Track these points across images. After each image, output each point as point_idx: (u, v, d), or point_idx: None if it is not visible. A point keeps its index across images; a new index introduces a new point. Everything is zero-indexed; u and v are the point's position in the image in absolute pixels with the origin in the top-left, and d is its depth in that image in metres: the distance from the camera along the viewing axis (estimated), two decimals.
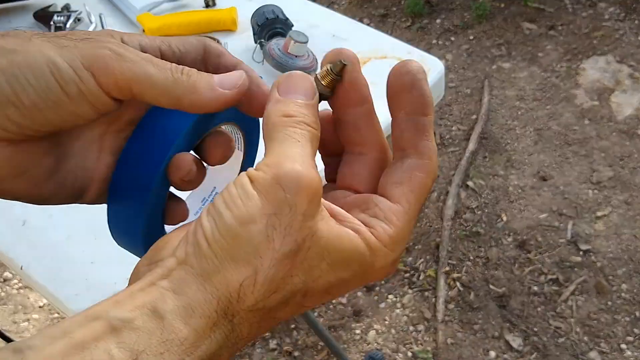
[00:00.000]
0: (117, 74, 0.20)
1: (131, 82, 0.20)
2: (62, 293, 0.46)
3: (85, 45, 0.20)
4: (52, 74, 0.19)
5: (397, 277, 1.28)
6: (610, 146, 1.46)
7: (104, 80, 0.20)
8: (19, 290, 1.30)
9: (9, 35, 0.20)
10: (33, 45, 0.19)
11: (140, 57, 0.20)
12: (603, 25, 1.77)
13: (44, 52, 0.19)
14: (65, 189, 0.23)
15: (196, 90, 0.21)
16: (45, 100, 0.19)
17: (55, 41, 0.20)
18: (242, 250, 0.18)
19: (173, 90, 0.21)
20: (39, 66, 0.19)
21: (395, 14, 1.93)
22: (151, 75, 0.20)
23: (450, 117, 1.59)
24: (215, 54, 0.23)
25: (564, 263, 1.26)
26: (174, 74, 0.21)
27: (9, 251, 0.49)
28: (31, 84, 0.19)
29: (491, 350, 1.15)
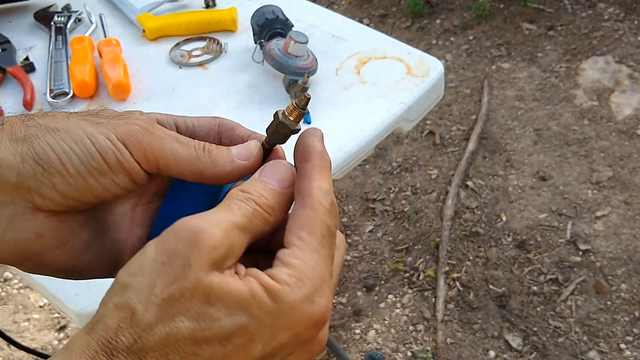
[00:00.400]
0: (146, 148, 0.22)
1: (158, 157, 0.23)
2: (63, 293, 0.46)
3: (118, 122, 0.23)
4: (92, 144, 0.22)
5: (397, 277, 1.28)
6: (609, 146, 1.46)
7: (135, 152, 0.22)
8: (19, 290, 1.30)
9: (49, 116, 0.22)
10: (72, 123, 0.22)
11: (166, 134, 0.23)
12: (602, 25, 1.77)
13: (83, 127, 0.22)
14: (102, 260, 0.25)
15: (217, 164, 0.23)
16: (89, 168, 0.22)
17: (90, 119, 0.23)
18: (124, 296, 0.19)
19: (196, 165, 0.23)
20: (80, 139, 0.22)
21: (395, 14, 1.93)
22: (176, 151, 0.23)
23: (449, 117, 1.60)
24: (229, 127, 0.26)
25: (564, 263, 1.26)
26: (197, 150, 0.23)
27: None
28: (75, 153, 0.21)
29: (491, 350, 1.15)
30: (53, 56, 0.67)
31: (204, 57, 0.67)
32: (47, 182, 0.21)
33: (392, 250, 1.33)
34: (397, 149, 1.54)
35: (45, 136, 0.21)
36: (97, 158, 0.22)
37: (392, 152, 1.54)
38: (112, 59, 0.64)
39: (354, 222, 1.39)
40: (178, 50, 0.69)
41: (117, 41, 0.67)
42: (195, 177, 0.23)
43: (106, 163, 0.22)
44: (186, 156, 0.23)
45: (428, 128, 1.58)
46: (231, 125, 0.26)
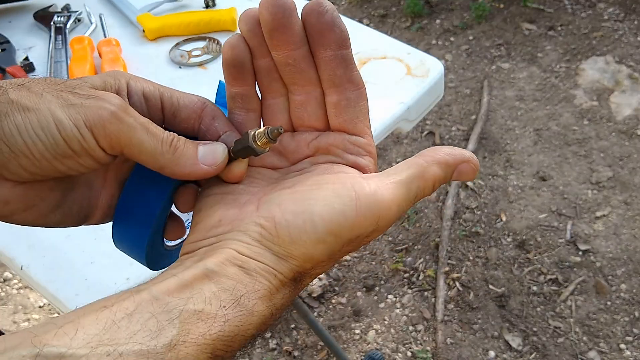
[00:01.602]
0: (112, 137, 0.22)
1: (122, 145, 0.23)
2: (62, 293, 0.46)
3: (91, 104, 0.22)
4: (58, 131, 0.22)
5: (397, 277, 1.28)
6: (609, 146, 1.46)
7: (101, 140, 0.22)
8: (19, 291, 1.30)
9: (24, 88, 0.22)
10: (44, 102, 0.22)
11: (137, 122, 0.23)
12: (602, 25, 1.77)
13: (53, 111, 0.22)
14: (70, 217, 0.26)
15: (179, 163, 0.24)
16: (53, 153, 0.22)
17: (64, 97, 0.22)
18: (321, 252, 0.22)
19: (159, 160, 0.23)
20: (47, 124, 0.22)
21: (395, 14, 1.93)
22: (142, 143, 0.23)
23: (449, 117, 1.60)
24: (211, 116, 0.25)
25: (563, 263, 1.26)
26: (163, 145, 0.23)
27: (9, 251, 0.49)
28: (41, 139, 0.22)
29: (490, 350, 1.15)
30: (53, 56, 0.67)
31: (203, 57, 0.67)
32: (13, 161, 0.22)
33: (392, 251, 1.33)
34: (397, 149, 1.54)
35: (14, 116, 0.21)
36: (62, 145, 0.22)
37: (392, 152, 1.54)
38: (111, 59, 0.64)
39: None
40: (178, 50, 0.69)
41: (117, 41, 0.67)
42: (156, 169, 0.24)
43: (70, 149, 0.22)
44: (151, 149, 0.23)
45: (428, 128, 1.58)
46: (213, 114, 0.25)
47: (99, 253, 0.48)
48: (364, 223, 0.22)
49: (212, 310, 0.19)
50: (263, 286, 0.21)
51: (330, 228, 0.21)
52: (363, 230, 0.22)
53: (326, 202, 0.22)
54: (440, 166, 0.24)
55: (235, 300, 0.20)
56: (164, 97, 0.25)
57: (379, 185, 0.23)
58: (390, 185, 0.23)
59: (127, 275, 0.47)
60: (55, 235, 0.50)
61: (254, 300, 0.21)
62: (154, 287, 0.20)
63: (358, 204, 0.22)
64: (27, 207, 0.24)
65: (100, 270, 0.47)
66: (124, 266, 0.47)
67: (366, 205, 0.22)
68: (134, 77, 0.25)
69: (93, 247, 0.49)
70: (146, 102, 0.25)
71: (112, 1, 0.76)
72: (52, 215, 0.25)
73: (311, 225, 0.21)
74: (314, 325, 0.98)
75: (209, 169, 0.24)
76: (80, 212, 0.26)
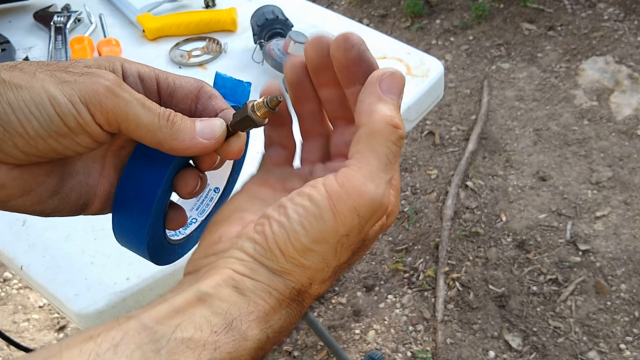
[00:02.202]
0: (108, 112, 0.22)
1: (120, 120, 0.22)
2: (62, 293, 0.46)
3: (85, 80, 0.22)
4: (53, 107, 0.21)
5: (397, 277, 1.28)
6: (609, 146, 1.46)
7: (97, 115, 0.22)
8: (18, 290, 1.30)
9: (17, 69, 0.22)
10: (37, 80, 0.21)
11: (133, 97, 0.22)
12: (602, 25, 1.77)
13: (47, 88, 0.21)
14: (68, 204, 0.25)
15: (177, 137, 0.23)
16: (48, 130, 0.21)
17: (57, 75, 0.22)
18: (312, 261, 0.21)
19: (157, 134, 0.23)
20: (41, 101, 0.21)
21: (395, 14, 1.93)
22: (139, 117, 0.22)
23: (449, 118, 1.60)
24: (207, 96, 0.25)
25: (563, 263, 1.26)
26: (160, 119, 0.23)
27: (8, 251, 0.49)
28: (35, 117, 0.21)
29: (490, 350, 1.15)
30: (53, 56, 0.67)
31: (203, 57, 0.67)
32: (8, 142, 0.21)
33: (392, 251, 1.33)
34: None
35: (7, 94, 0.21)
36: (57, 121, 0.21)
37: None
38: None
39: None
40: (178, 50, 0.69)
41: (117, 41, 0.68)
42: (154, 145, 0.23)
43: (66, 126, 0.21)
44: (148, 124, 0.22)
45: (428, 128, 1.58)
46: (210, 94, 0.25)
47: (99, 253, 0.49)
48: (344, 219, 0.21)
49: (202, 337, 0.19)
50: (257, 307, 0.20)
51: (313, 235, 0.21)
52: (347, 227, 0.21)
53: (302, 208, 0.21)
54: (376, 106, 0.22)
55: (227, 324, 0.19)
56: (160, 78, 0.25)
57: (346, 174, 0.21)
58: (355, 167, 0.21)
59: (127, 275, 0.47)
60: (55, 235, 0.50)
61: (247, 323, 0.20)
62: (144, 314, 0.19)
63: (330, 202, 0.21)
64: (24, 192, 0.23)
65: (101, 270, 0.47)
66: (124, 266, 0.47)
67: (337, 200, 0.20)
68: (128, 61, 0.24)
69: (93, 247, 0.49)
70: (142, 83, 0.24)
71: (112, 1, 0.76)
72: (49, 202, 0.24)
73: (294, 235, 0.21)
74: (314, 325, 0.98)
75: (208, 143, 0.23)
76: (79, 200, 0.25)
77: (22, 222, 0.51)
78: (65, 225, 0.50)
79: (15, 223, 0.51)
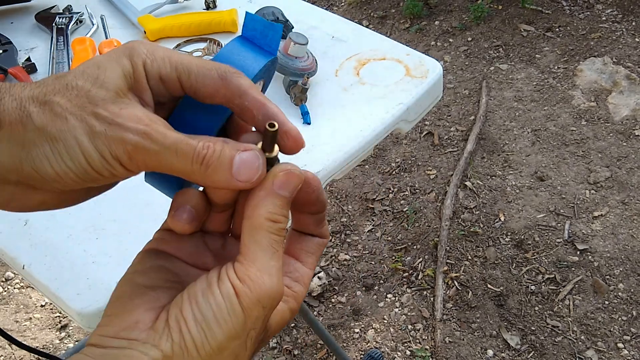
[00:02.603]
0: (139, 163, 0.23)
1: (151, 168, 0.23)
2: (64, 292, 0.47)
3: (114, 135, 0.22)
4: (87, 162, 0.22)
5: (396, 277, 1.29)
6: (607, 147, 1.47)
7: (128, 165, 0.23)
8: (20, 290, 1.30)
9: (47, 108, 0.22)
10: (70, 130, 0.22)
11: (165, 145, 0.22)
12: (600, 26, 1.78)
13: (80, 141, 0.22)
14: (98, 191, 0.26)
15: (212, 180, 0.23)
16: (83, 178, 0.23)
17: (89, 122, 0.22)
18: (225, 357, 0.22)
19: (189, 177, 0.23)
20: (76, 156, 0.22)
21: (394, 15, 1.94)
22: (172, 165, 0.23)
23: (448, 118, 1.60)
24: (238, 94, 0.24)
25: (561, 262, 1.27)
26: (194, 164, 0.23)
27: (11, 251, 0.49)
28: (70, 169, 0.22)
29: (489, 349, 1.15)
30: (54, 57, 0.67)
31: (204, 58, 0.68)
32: (45, 185, 0.23)
33: (391, 250, 1.33)
34: (396, 149, 1.55)
35: (43, 146, 0.22)
36: (91, 173, 0.23)
37: (391, 152, 1.54)
38: None
39: (353, 222, 1.40)
40: (179, 51, 0.69)
41: (119, 42, 0.68)
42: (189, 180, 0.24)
43: (100, 175, 0.23)
44: (181, 169, 0.23)
45: (427, 129, 1.59)
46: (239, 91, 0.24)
47: (101, 252, 0.49)
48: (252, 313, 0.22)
49: None
50: None
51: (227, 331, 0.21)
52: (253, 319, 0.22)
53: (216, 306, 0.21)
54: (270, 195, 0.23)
55: None
56: (182, 78, 0.24)
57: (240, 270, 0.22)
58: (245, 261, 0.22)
59: None
60: (57, 235, 0.50)
61: None
62: None
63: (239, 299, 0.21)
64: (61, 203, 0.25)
65: (102, 270, 0.48)
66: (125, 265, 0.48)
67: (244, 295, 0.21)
68: (150, 56, 0.24)
69: (95, 247, 0.49)
70: (164, 85, 0.24)
71: (114, 2, 0.76)
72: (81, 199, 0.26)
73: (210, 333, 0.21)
74: (314, 324, 0.98)
75: (243, 185, 0.23)
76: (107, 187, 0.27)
77: (24, 222, 0.51)
78: (66, 225, 0.51)
79: (17, 223, 0.51)
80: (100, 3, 0.77)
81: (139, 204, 0.52)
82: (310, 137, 0.57)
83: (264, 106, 0.24)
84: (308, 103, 0.60)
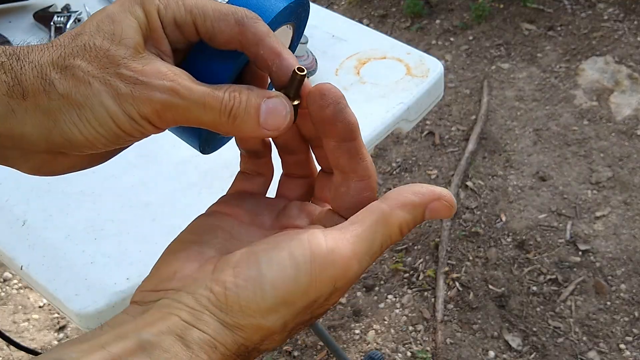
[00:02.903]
0: (168, 120, 0.22)
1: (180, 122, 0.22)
2: (62, 293, 0.46)
3: (140, 94, 0.21)
4: (116, 125, 0.22)
5: (397, 277, 1.28)
6: (609, 146, 1.47)
7: (157, 123, 0.22)
8: (18, 291, 1.30)
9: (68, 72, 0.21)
10: (95, 95, 0.21)
11: (192, 100, 0.22)
12: (602, 25, 1.77)
13: (106, 105, 0.21)
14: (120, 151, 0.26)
15: (239, 131, 0.22)
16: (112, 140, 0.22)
17: (112, 85, 0.21)
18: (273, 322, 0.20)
19: (217, 129, 0.22)
20: (105, 120, 0.22)
21: (395, 14, 1.94)
22: (199, 118, 0.22)
23: (449, 118, 1.60)
24: (254, 42, 0.23)
25: (563, 263, 1.26)
26: (222, 117, 0.22)
27: (8, 251, 0.49)
28: (100, 134, 0.22)
29: (490, 350, 1.15)
30: None
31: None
32: (76, 151, 0.23)
33: (392, 251, 1.33)
34: (397, 149, 1.54)
35: (70, 114, 0.21)
36: (121, 134, 0.22)
37: (392, 152, 1.54)
38: None
39: None
40: None
41: None
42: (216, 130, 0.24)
43: (132, 136, 0.22)
44: (209, 122, 0.22)
45: (428, 128, 1.58)
46: (255, 39, 0.22)
47: (99, 253, 0.49)
48: (319, 286, 0.20)
49: None
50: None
51: (282, 297, 0.20)
52: (319, 293, 0.20)
53: (279, 266, 0.20)
54: (406, 209, 0.22)
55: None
56: (197, 22, 0.23)
57: (337, 241, 0.20)
58: (350, 239, 0.21)
59: (127, 275, 0.47)
60: (55, 235, 0.50)
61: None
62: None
63: (313, 266, 0.20)
64: (91, 163, 0.25)
65: (101, 270, 0.47)
66: (124, 266, 0.47)
67: (321, 267, 0.20)
68: (163, 1, 0.23)
69: (93, 247, 0.49)
70: (179, 30, 0.23)
71: (111, 1, 0.76)
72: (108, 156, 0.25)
73: (261, 294, 0.20)
74: (314, 325, 0.98)
75: (272, 134, 0.22)
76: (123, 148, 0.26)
77: (22, 222, 0.51)
78: (65, 225, 0.50)
79: (16, 223, 0.51)
80: (98, 2, 0.77)
81: (137, 204, 0.51)
82: None
83: (278, 56, 0.23)
84: None
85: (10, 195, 0.52)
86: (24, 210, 0.51)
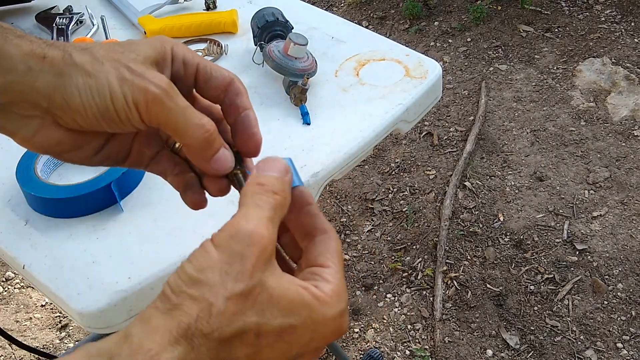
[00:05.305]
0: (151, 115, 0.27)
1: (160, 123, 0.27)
2: (64, 292, 0.47)
3: (140, 84, 0.27)
4: (111, 101, 0.26)
5: (395, 277, 1.29)
6: (606, 147, 1.47)
7: (144, 116, 0.27)
8: (21, 290, 1.30)
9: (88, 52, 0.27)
10: (104, 71, 0.27)
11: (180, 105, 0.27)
12: (599, 27, 1.78)
13: (110, 81, 0.26)
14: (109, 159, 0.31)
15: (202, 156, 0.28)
16: (102, 115, 0.27)
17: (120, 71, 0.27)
18: (199, 290, 0.22)
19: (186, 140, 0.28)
20: (104, 92, 0.26)
21: (394, 16, 1.94)
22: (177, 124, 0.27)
23: (447, 119, 1.60)
24: (235, 93, 0.30)
25: (560, 262, 1.27)
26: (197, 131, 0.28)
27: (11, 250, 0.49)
28: (95, 103, 0.26)
29: (488, 349, 1.16)
30: None
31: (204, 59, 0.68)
32: (69, 114, 0.27)
33: (391, 250, 1.34)
34: (396, 149, 1.55)
35: (77, 78, 0.26)
36: (112, 111, 0.26)
37: (391, 152, 1.55)
38: None
39: (352, 222, 1.40)
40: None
41: None
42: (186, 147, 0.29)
43: (118, 117, 0.27)
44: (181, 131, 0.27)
45: (426, 129, 1.59)
46: (238, 91, 0.30)
47: (101, 252, 0.49)
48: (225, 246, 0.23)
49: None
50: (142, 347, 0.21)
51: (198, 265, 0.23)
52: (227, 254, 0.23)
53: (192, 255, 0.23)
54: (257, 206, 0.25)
55: None
56: (200, 66, 0.29)
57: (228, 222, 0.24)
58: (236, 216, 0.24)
59: (128, 274, 0.47)
60: (57, 235, 0.50)
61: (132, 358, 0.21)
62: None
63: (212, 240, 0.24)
64: (75, 148, 0.29)
65: (102, 270, 0.48)
66: (126, 265, 0.48)
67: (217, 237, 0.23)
68: (177, 44, 0.29)
69: (95, 247, 0.49)
70: (184, 67, 0.29)
71: (114, 3, 0.77)
72: (94, 158, 0.30)
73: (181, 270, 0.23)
74: None
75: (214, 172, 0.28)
76: (119, 155, 0.31)
77: (24, 222, 0.51)
78: (67, 225, 0.51)
79: (18, 222, 0.51)
80: (100, 3, 0.77)
81: (139, 204, 0.52)
82: (309, 138, 0.57)
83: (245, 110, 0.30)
84: (308, 104, 0.60)
85: (13, 195, 0.53)
86: (26, 210, 0.52)
